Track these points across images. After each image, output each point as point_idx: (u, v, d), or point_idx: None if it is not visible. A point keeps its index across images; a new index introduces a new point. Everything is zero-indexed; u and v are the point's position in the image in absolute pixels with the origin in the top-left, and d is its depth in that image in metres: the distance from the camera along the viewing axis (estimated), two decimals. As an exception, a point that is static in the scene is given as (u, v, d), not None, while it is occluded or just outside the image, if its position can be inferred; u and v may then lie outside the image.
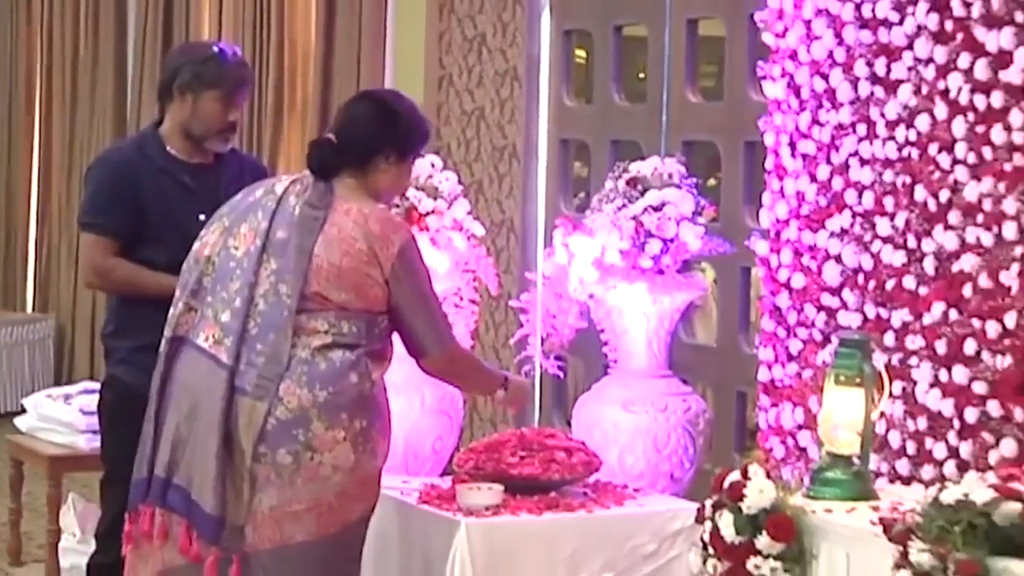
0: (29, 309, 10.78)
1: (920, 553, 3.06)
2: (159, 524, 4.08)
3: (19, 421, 6.44)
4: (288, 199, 4.16)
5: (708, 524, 3.53)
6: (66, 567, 6.06)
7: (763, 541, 3.42)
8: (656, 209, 5.19)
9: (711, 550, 3.51)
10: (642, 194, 5.24)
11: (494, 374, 4.63)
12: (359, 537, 4.15)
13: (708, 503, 3.54)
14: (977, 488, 3.12)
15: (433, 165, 5.42)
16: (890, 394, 4.63)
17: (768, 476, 3.51)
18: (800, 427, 4.97)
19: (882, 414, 4.61)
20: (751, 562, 3.42)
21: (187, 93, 4.89)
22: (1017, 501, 3.06)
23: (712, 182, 6.40)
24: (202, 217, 4.54)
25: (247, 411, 3.99)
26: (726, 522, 3.46)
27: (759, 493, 3.44)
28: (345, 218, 4.09)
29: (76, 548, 6.18)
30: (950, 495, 3.12)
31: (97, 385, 6.22)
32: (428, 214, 5.26)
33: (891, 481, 4.50)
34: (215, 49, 5.07)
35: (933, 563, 3.03)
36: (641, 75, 6.65)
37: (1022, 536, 3.03)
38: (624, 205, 5.22)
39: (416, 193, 5.25)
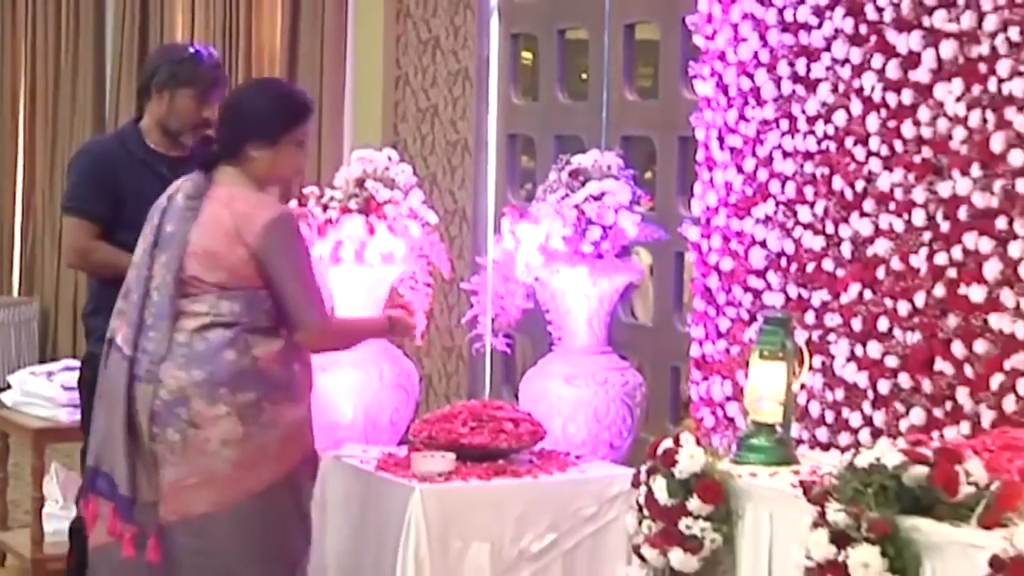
0: (15, 293, 10.72)
1: (836, 513, 3.07)
2: (91, 509, 4.12)
3: (4, 396, 6.39)
4: (177, 196, 4.16)
5: (643, 488, 3.53)
6: (49, 531, 6.02)
7: (693, 503, 3.43)
8: (596, 198, 5.21)
9: (646, 512, 3.52)
10: (583, 184, 5.26)
11: (373, 326, 4.64)
12: (273, 504, 4.07)
13: (643, 469, 3.55)
14: (888, 453, 3.13)
15: (390, 158, 5.42)
16: (810, 367, 4.65)
17: (698, 444, 3.52)
18: (728, 399, 5.01)
19: (803, 386, 4.63)
20: (682, 523, 3.43)
21: (164, 91, 4.87)
22: (924, 465, 3.08)
23: (648, 174, 6.41)
24: None
25: (141, 395, 4.02)
26: (660, 486, 3.47)
27: (690, 459, 3.46)
28: (217, 204, 4.07)
29: (58, 514, 6.21)
30: (863, 459, 3.14)
31: (77, 363, 6.21)
32: (385, 203, 5.26)
33: (811, 447, 4.54)
34: (192, 50, 5.04)
35: (848, 522, 3.05)
36: (583, 75, 6.64)
37: (928, 497, 3.05)
38: (567, 195, 5.24)
39: (374, 184, 5.25)
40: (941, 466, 3.07)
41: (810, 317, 4.74)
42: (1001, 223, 4.24)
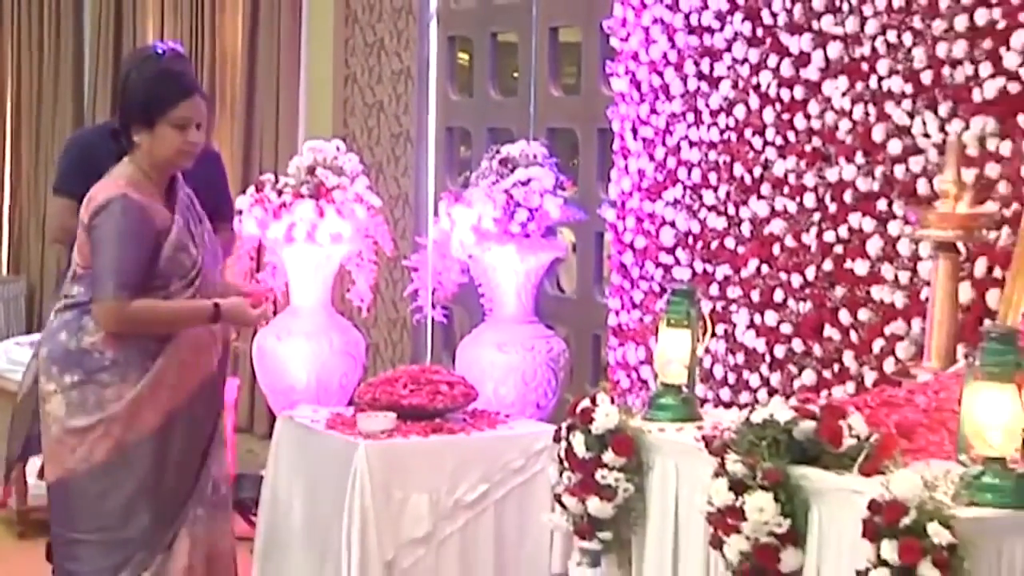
0: (4, 272, 10.60)
1: (734, 463, 3.06)
2: None
3: (-8, 364, 6.34)
4: None
5: (564, 443, 3.51)
6: (32, 485, 5.94)
7: (608, 456, 3.41)
8: (523, 184, 5.21)
9: (566, 464, 3.49)
10: (512, 171, 5.26)
11: (189, 312, 3.85)
12: (89, 487, 3.79)
13: (564, 426, 3.53)
14: (780, 410, 3.12)
15: (338, 148, 5.40)
16: (713, 334, 4.65)
17: (613, 403, 3.49)
18: (642, 363, 5.02)
19: (707, 350, 4.64)
20: (598, 474, 3.41)
21: None
22: (812, 420, 3.07)
23: (574, 162, 6.40)
24: None
25: None
26: (578, 441, 3.45)
27: (605, 417, 3.43)
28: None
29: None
30: (758, 416, 3.12)
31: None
32: (334, 188, 5.24)
33: (715, 406, 4.55)
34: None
35: (745, 472, 3.04)
36: (513, 74, 6.62)
37: (816, 448, 3.04)
38: (497, 181, 5.24)
39: (324, 171, 5.23)
40: (827, 421, 3.06)
41: (714, 289, 4.76)
42: (882, 205, 4.27)
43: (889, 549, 2.72)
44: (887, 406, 3.30)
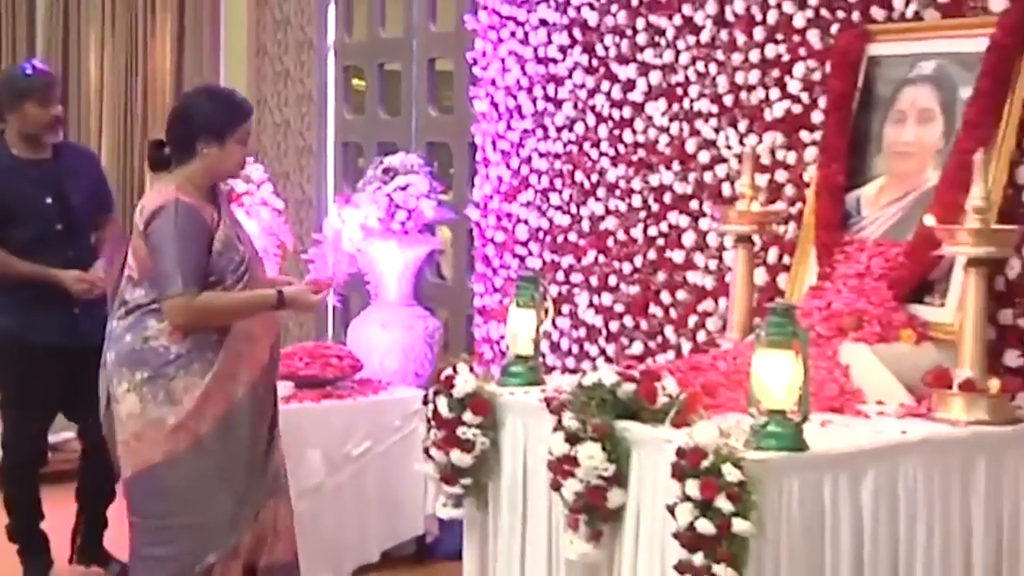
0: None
1: (569, 419, 3.06)
2: None
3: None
4: None
5: (431, 405, 3.48)
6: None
7: (467, 415, 3.39)
8: (402, 189, 5.18)
9: (433, 423, 3.47)
10: (393, 179, 5.21)
11: (254, 300, 3.56)
12: (168, 477, 3.44)
13: (431, 391, 3.51)
14: (606, 374, 3.12)
15: (247, 161, 5.31)
16: (559, 312, 4.68)
17: (472, 371, 3.47)
18: (502, 337, 5.00)
19: (555, 325, 4.67)
20: (459, 430, 3.39)
21: (13, 109, 4.29)
22: (632, 382, 3.08)
23: (451, 170, 6.39)
24: (48, 200, 4.26)
25: None
26: (442, 403, 3.43)
27: (464, 383, 3.41)
28: (144, 200, 3.53)
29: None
30: (589, 380, 3.12)
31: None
32: (243, 194, 5.17)
33: (562, 373, 4.56)
34: (21, 68, 4.56)
35: (578, 426, 3.04)
36: (398, 97, 6.59)
37: (636, 406, 3.05)
38: (380, 186, 5.20)
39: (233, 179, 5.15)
40: (644, 383, 3.08)
41: (560, 276, 4.78)
42: (694, 205, 4.31)
43: (692, 487, 2.74)
44: (695, 370, 3.33)
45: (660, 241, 4.39)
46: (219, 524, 3.49)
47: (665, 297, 4.38)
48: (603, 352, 4.59)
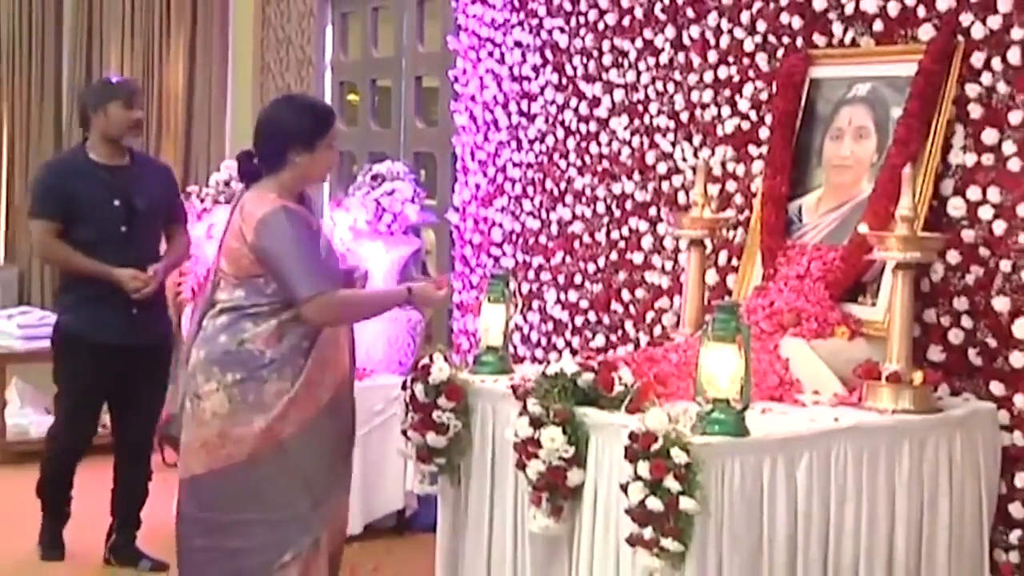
0: (1, 260, 10.10)
1: (534, 405, 3.04)
2: None
3: (-23, 335, 6.07)
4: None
5: (409, 391, 3.45)
6: (10, 424, 5.75)
7: (442, 401, 3.36)
8: (389, 194, 5.13)
9: (411, 407, 3.45)
10: (380, 185, 5.17)
11: (388, 296, 3.53)
12: (254, 474, 3.18)
13: (409, 378, 3.47)
14: (568, 364, 3.11)
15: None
16: (529, 308, 4.66)
17: (446, 360, 3.44)
18: (477, 331, 4.98)
19: (525, 319, 4.65)
20: (435, 414, 3.35)
21: (99, 110, 4.18)
22: (591, 372, 3.06)
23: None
24: (116, 203, 4.14)
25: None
26: (419, 389, 3.39)
27: (439, 371, 3.38)
28: (238, 207, 3.21)
29: (17, 412, 5.86)
30: (552, 369, 3.11)
31: (43, 313, 5.99)
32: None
33: (532, 362, 4.54)
34: (105, 78, 4.61)
35: (541, 411, 3.02)
36: (389, 111, 6.57)
37: (594, 393, 3.04)
38: (368, 191, 5.15)
39: (237, 184, 5.06)
40: (602, 373, 3.06)
41: (531, 275, 4.76)
42: (653, 211, 4.29)
43: (643, 467, 2.73)
44: (649, 361, 3.31)
45: (621, 244, 4.38)
46: (295, 523, 3.23)
47: (625, 295, 4.36)
48: (569, 344, 4.57)
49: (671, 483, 2.69)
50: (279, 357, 3.15)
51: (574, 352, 4.47)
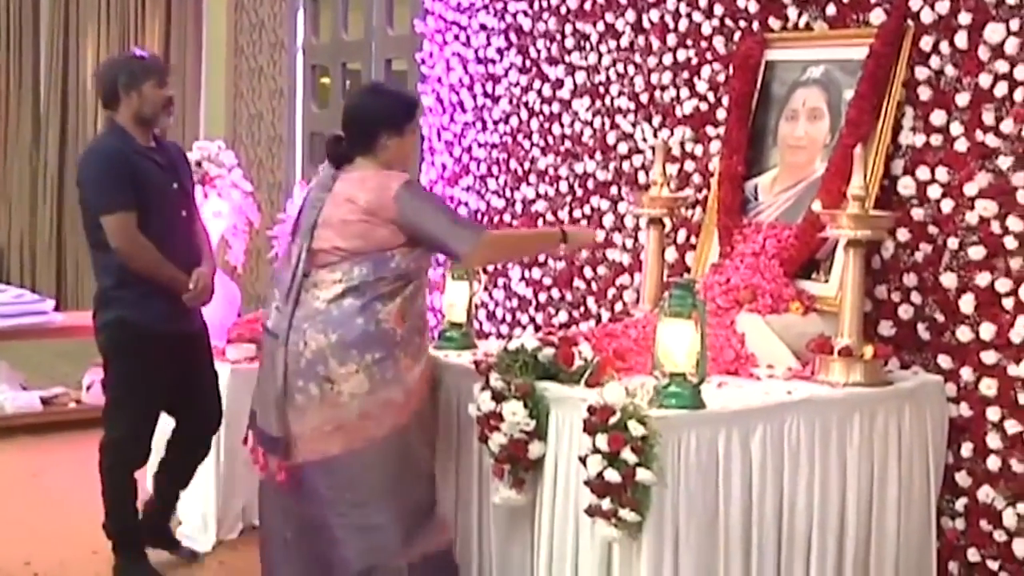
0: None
1: (496, 380, 3.02)
2: (260, 459, 3.23)
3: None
4: (311, 189, 3.22)
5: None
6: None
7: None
8: (357, 174, 5.06)
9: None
10: (351, 165, 5.10)
11: (545, 235, 3.51)
12: (394, 447, 3.09)
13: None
14: (529, 340, 3.09)
15: (219, 147, 5.16)
16: (494, 285, 4.63)
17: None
18: (442, 307, 4.94)
19: (491, 296, 4.61)
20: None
21: (131, 90, 3.72)
22: (552, 347, 3.04)
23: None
24: (175, 186, 3.75)
25: (279, 356, 3.09)
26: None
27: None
28: (349, 184, 3.09)
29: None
30: (513, 345, 3.08)
31: (22, 291, 5.83)
32: (215, 177, 5.03)
33: (498, 338, 4.51)
34: (134, 53, 4.08)
35: (503, 385, 3.00)
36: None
37: (555, 368, 3.02)
38: (336, 172, 5.08)
39: (208, 164, 5.01)
40: (562, 348, 3.04)
41: (496, 252, 4.71)
42: (614, 191, 4.26)
43: (601, 440, 2.71)
44: (608, 336, 3.28)
45: (584, 222, 4.34)
46: (423, 506, 3.16)
47: (587, 272, 4.33)
48: (533, 320, 4.54)
49: (628, 455, 2.66)
50: (406, 335, 3.10)
51: (538, 328, 4.44)
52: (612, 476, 2.68)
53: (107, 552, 3.88)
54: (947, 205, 3.29)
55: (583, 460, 2.75)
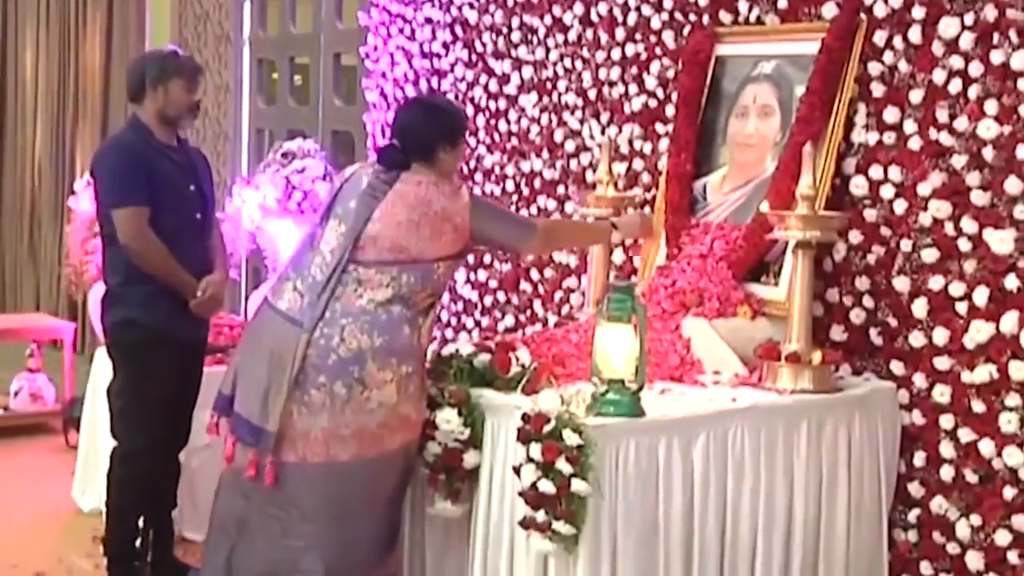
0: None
1: (429, 387, 2.97)
2: (229, 448, 3.11)
3: None
4: (358, 178, 3.12)
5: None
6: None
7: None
8: (299, 172, 4.99)
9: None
10: (291, 162, 5.03)
11: (592, 227, 3.62)
12: (398, 463, 3.02)
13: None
14: (464, 346, 3.04)
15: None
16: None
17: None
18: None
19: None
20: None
21: (158, 86, 3.60)
22: (488, 353, 3.00)
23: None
24: (192, 187, 3.62)
25: (302, 343, 2.95)
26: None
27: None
28: (417, 187, 3.03)
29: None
30: (447, 350, 3.04)
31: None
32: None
33: (441, 343, 4.42)
34: (169, 49, 3.92)
35: (437, 392, 2.95)
36: (306, 87, 6.43)
37: (491, 374, 2.97)
38: (278, 169, 5.01)
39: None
40: (499, 354, 2.99)
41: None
42: (561, 190, 4.21)
43: (535, 450, 2.67)
44: (548, 342, 3.24)
45: (531, 223, 4.29)
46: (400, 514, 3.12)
47: (534, 274, 4.28)
48: (478, 324, 4.49)
49: (563, 465, 2.62)
50: (427, 351, 3.09)
51: (484, 331, 4.39)
52: (546, 487, 2.64)
53: (27, 565, 3.78)
54: (900, 206, 3.26)
55: (517, 470, 2.70)
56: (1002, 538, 3.08)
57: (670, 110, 3.79)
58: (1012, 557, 3.06)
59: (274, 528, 3.01)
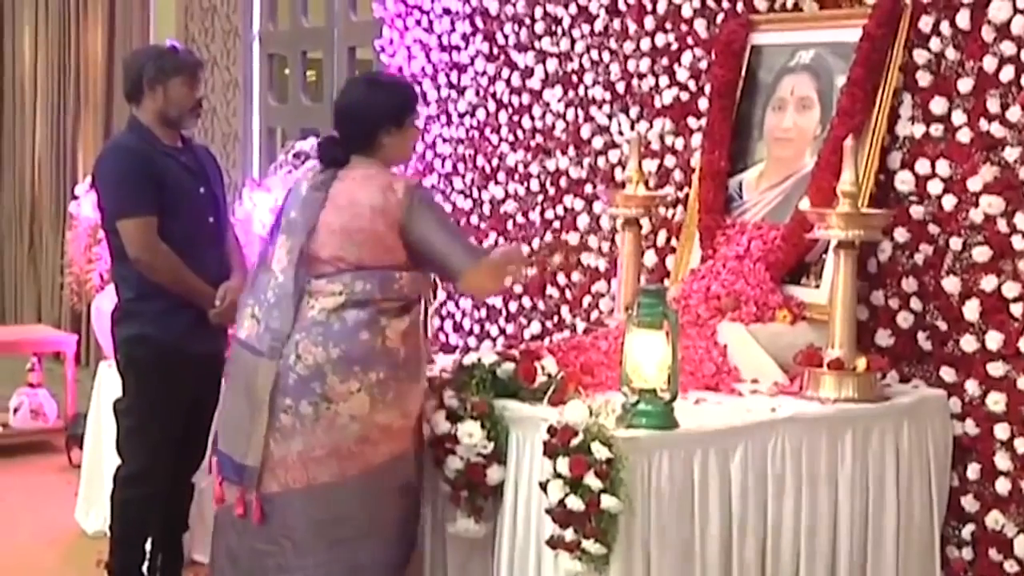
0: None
1: (450, 399, 2.99)
2: (217, 489, 3.13)
3: None
4: (299, 184, 3.10)
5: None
6: None
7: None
8: (312, 173, 5.03)
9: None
10: (303, 163, 5.06)
11: (513, 254, 3.29)
12: (391, 477, 2.99)
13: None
14: (486, 354, 3.05)
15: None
16: (460, 294, 4.59)
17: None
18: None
19: (457, 306, 4.57)
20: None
21: (157, 85, 3.58)
22: (512, 362, 3.01)
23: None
24: (201, 190, 3.61)
25: (266, 372, 2.95)
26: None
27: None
28: (351, 185, 2.99)
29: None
30: (469, 359, 3.05)
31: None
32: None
33: (465, 351, 4.45)
34: (168, 45, 3.90)
35: (458, 404, 2.97)
36: (319, 84, 6.47)
37: (515, 385, 2.98)
38: (291, 170, 5.04)
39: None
40: (524, 363, 3.00)
41: (463, 257, 4.68)
42: (588, 189, 4.23)
43: (563, 464, 2.68)
44: (576, 349, 3.25)
45: (556, 224, 4.32)
46: (410, 536, 3.09)
47: (561, 279, 4.30)
48: (503, 332, 4.51)
49: (592, 480, 2.63)
50: (410, 355, 3.00)
51: (509, 339, 4.41)
52: (575, 504, 2.65)
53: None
54: (949, 202, 3.26)
55: (543, 486, 2.72)
56: (1062, 555, 3.07)
57: (703, 103, 3.80)
58: (1073, 575, 3.06)
59: (267, 564, 3.00)
